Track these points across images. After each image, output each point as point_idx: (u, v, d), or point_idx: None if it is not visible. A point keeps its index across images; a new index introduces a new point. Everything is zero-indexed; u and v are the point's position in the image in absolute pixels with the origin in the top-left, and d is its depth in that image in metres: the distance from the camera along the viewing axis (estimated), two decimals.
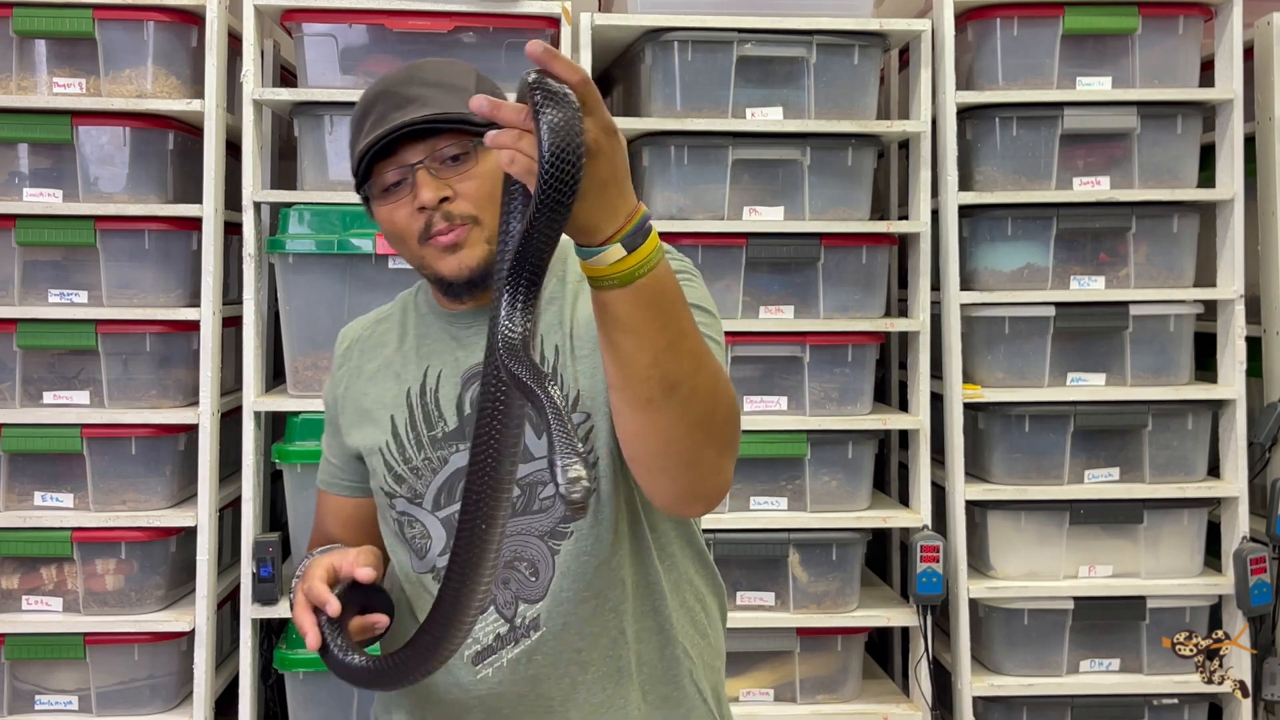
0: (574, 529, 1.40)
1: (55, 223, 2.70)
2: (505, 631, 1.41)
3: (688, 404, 1.17)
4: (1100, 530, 2.90)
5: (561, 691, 1.40)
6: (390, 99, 1.39)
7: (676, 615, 1.46)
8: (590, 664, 1.40)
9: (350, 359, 1.56)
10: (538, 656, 1.40)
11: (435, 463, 1.44)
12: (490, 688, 1.41)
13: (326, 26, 2.76)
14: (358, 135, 1.41)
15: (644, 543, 1.43)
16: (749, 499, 2.83)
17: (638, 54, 2.89)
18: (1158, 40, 2.88)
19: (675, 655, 1.45)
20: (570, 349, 1.42)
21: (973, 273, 2.91)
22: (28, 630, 2.67)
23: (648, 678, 1.44)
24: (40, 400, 2.72)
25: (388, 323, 1.57)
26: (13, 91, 2.72)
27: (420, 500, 1.45)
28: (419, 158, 1.38)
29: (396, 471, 1.46)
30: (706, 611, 1.51)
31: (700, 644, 1.49)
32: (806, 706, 2.82)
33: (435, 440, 1.44)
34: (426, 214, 1.38)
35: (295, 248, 2.66)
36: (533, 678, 1.40)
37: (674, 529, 1.48)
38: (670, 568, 1.47)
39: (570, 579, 1.39)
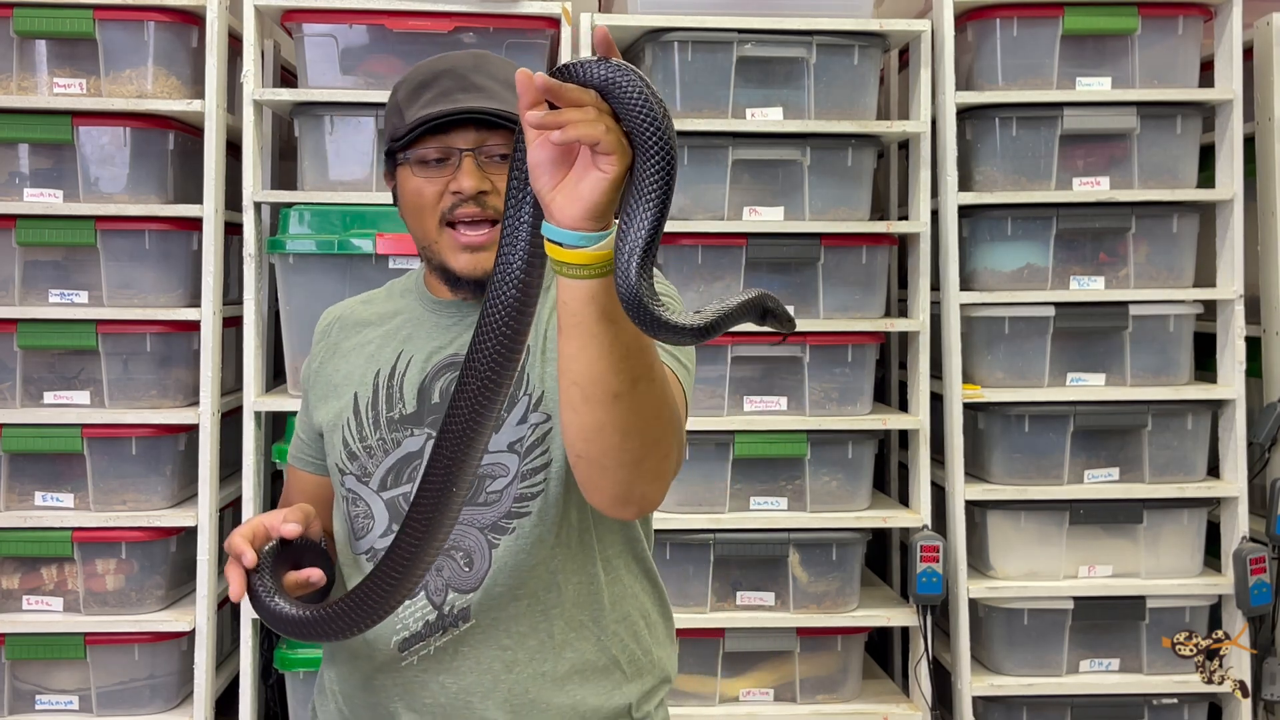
0: (516, 526, 1.39)
1: (56, 223, 2.70)
2: (434, 619, 1.40)
3: (646, 399, 1.16)
4: (1100, 530, 2.90)
5: (483, 688, 1.39)
6: (457, 79, 1.40)
7: (616, 628, 1.44)
8: (515, 664, 1.40)
9: (329, 335, 1.57)
10: (464, 649, 1.40)
11: (389, 444, 1.45)
12: (414, 675, 1.41)
13: (326, 27, 2.76)
14: (413, 101, 1.41)
15: (589, 552, 1.43)
16: (749, 499, 2.83)
17: (638, 54, 2.89)
18: (1157, 40, 2.88)
19: (607, 667, 1.44)
20: (542, 350, 1.43)
21: (972, 273, 2.91)
22: (28, 630, 2.67)
23: (578, 686, 1.42)
24: (41, 400, 2.73)
25: (372, 305, 1.58)
26: (13, 92, 2.72)
27: (368, 479, 1.45)
28: (469, 145, 1.39)
29: (351, 448, 1.46)
30: (652, 630, 1.50)
31: (642, 661, 1.47)
32: (806, 706, 2.82)
33: (391, 421, 1.45)
34: (457, 198, 1.39)
35: (295, 248, 2.66)
36: (456, 670, 1.39)
37: (622, 544, 1.47)
38: (614, 580, 1.46)
39: (505, 575, 1.39)
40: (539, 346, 1.43)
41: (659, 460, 1.21)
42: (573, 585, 1.42)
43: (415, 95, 1.42)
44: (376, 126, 2.74)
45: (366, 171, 2.75)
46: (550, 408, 1.41)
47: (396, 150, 1.44)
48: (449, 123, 1.38)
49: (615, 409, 1.15)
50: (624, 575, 1.47)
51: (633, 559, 1.49)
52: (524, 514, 1.40)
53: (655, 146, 1.02)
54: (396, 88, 1.46)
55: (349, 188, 2.75)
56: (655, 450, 1.20)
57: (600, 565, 1.44)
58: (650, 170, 1.03)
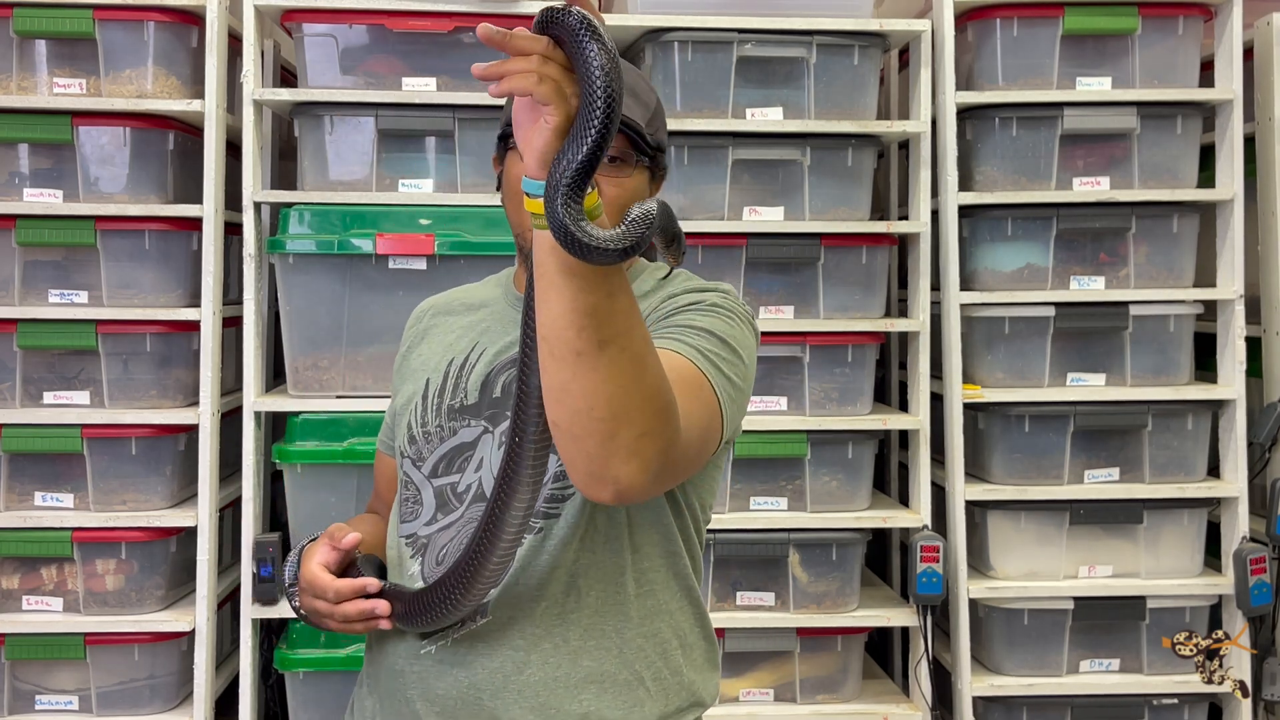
0: (544, 526, 1.39)
1: (55, 223, 2.70)
2: None
3: (615, 366, 1.13)
4: (1100, 530, 2.90)
5: (494, 685, 1.39)
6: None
7: (641, 643, 1.43)
8: (526, 665, 1.39)
9: (421, 321, 1.62)
10: (479, 644, 1.40)
11: (445, 431, 1.47)
12: (430, 665, 1.41)
13: (326, 27, 2.76)
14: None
15: (618, 561, 1.41)
16: (749, 499, 2.83)
17: (638, 54, 2.89)
18: (1157, 40, 2.88)
19: (628, 681, 1.41)
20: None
21: (973, 273, 2.91)
22: (28, 630, 2.67)
23: (594, 696, 1.40)
24: (40, 400, 2.73)
25: (464, 298, 1.61)
26: (13, 92, 2.72)
27: (421, 464, 1.48)
28: None
29: (412, 432, 1.50)
30: (686, 652, 1.48)
31: (669, 680, 1.45)
32: (806, 706, 2.82)
33: (452, 410, 1.47)
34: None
35: (295, 248, 2.66)
36: (469, 664, 1.39)
37: (662, 559, 1.45)
38: (647, 595, 1.44)
39: (526, 574, 1.39)
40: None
41: (634, 438, 1.15)
42: (595, 593, 1.40)
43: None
44: (376, 126, 2.74)
45: (366, 171, 2.75)
46: None
47: (510, 134, 1.44)
48: None
49: (579, 368, 1.12)
50: (660, 591, 1.45)
51: (672, 576, 1.46)
52: (554, 515, 1.39)
53: (592, 90, 1.03)
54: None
55: (349, 188, 2.75)
56: (628, 425, 1.14)
57: (631, 577, 1.42)
58: (586, 112, 1.04)
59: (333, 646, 2.67)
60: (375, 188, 2.75)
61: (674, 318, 1.40)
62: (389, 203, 2.71)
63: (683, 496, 1.47)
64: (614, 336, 1.13)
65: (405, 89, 2.75)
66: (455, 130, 2.76)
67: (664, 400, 1.17)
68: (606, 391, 1.13)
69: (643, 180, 1.46)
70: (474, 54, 2.77)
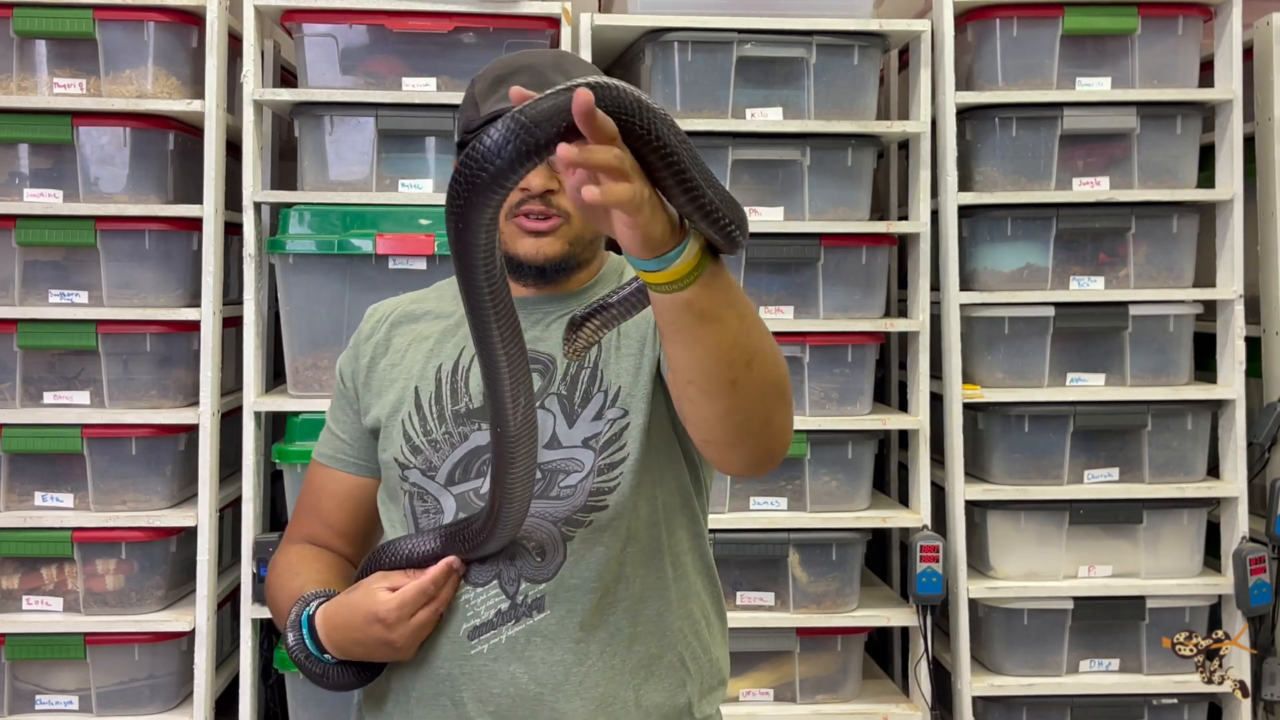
0: (593, 519, 1.41)
1: (55, 223, 2.70)
2: (506, 608, 1.41)
3: (764, 370, 1.18)
4: (1100, 530, 2.90)
5: (554, 679, 1.40)
6: (535, 76, 1.42)
7: (680, 625, 1.46)
8: (586, 657, 1.41)
9: (379, 332, 1.58)
10: (536, 639, 1.40)
11: (455, 438, 1.46)
12: (484, 664, 1.41)
13: (326, 27, 2.76)
14: (489, 95, 1.43)
15: (658, 546, 1.45)
16: (749, 499, 2.83)
17: (638, 54, 2.89)
18: (1157, 40, 2.88)
19: (672, 663, 1.46)
20: (615, 346, 1.46)
21: (972, 273, 2.91)
22: (28, 630, 2.67)
23: (643, 681, 1.43)
24: (40, 400, 2.73)
25: (426, 303, 1.59)
26: (13, 92, 2.72)
27: (434, 474, 1.46)
28: None
29: (415, 443, 1.47)
30: (710, 630, 1.52)
31: (702, 659, 1.49)
32: (806, 706, 2.82)
33: (458, 415, 1.46)
34: (524, 194, 1.42)
35: (295, 248, 2.66)
36: (528, 660, 1.40)
37: (689, 540, 1.49)
38: (680, 577, 1.48)
39: (580, 567, 1.41)
40: (613, 342, 1.46)
41: (786, 412, 1.23)
42: (640, 579, 1.44)
43: (492, 89, 1.43)
44: (376, 126, 2.73)
45: (366, 171, 2.76)
46: (628, 403, 1.43)
47: (470, 142, 1.44)
48: None
49: (735, 394, 1.17)
50: (690, 572, 1.49)
51: (697, 556, 1.51)
52: (600, 508, 1.41)
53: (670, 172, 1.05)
54: (475, 80, 1.48)
55: (349, 188, 2.75)
56: (782, 406, 1.22)
57: (669, 561, 1.46)
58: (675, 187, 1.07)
59: None
60: (375, 188, 2.75)
61: None
62: (389, 203, 2.71)
63: (705, 476, 1.52)
64: (758, 344, 1.17)
65: (405, 89, 2.75)
66: (455, 130, 2.76)
67: (782, 357, 1.23)
68: (762, 393, 1.19)
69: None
70: (474, 54, 2.77)
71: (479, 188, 1.00)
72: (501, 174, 0.99)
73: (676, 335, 1.13)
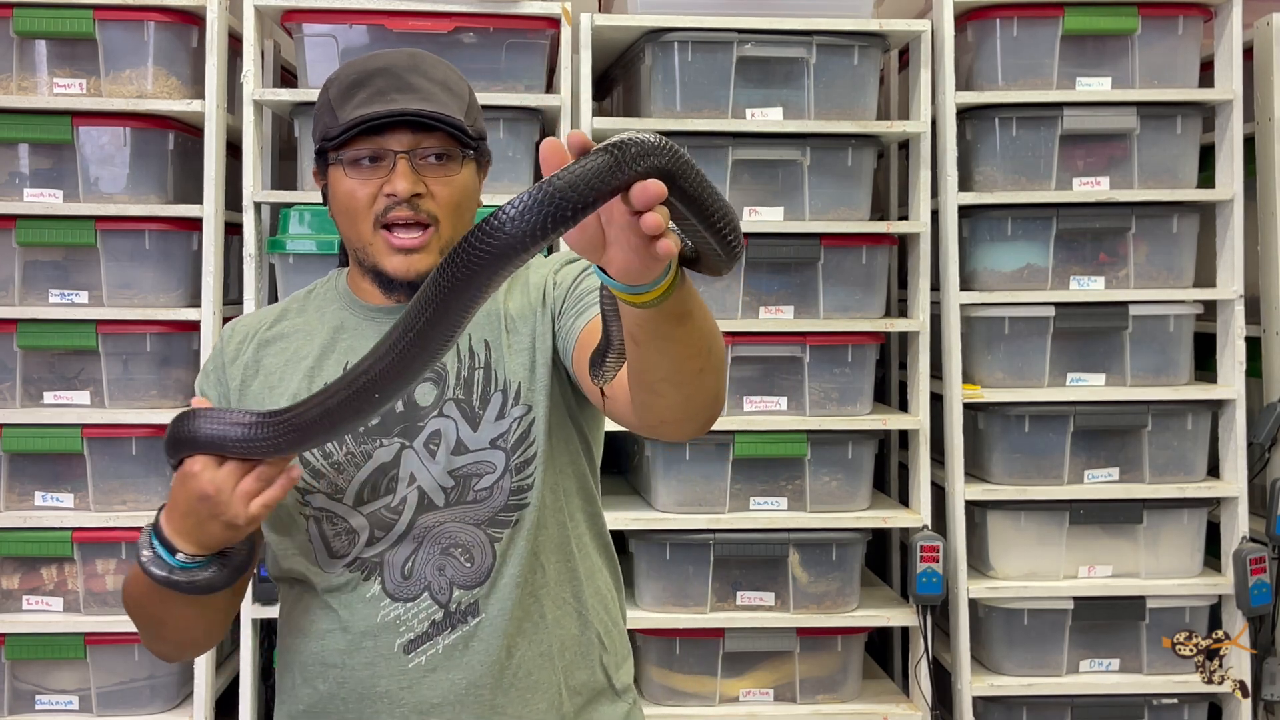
0: (517, 518, 1.41)
1: (56, 223, 2.70)
2: (440, 618, 1.40)
3: (719, 348, 1.20)
4: (1100, 530, 2.90)
5: (491, 677, 1.40)
6: (392, 79, 1.39)
7: (591, 602, 1.49)
8: (516, 649, 1.42)
9: (245, 353, 1.50)
10: (474, 643, 1.40)
11: (358, 457, 1.43)
12: (422, 675, 1.40)
13: (326, 27, 2.76)
14: (346, 100, 1.39)
15: (564, 531, 1.47)
16: (749, 499, 2.83)
17: (638, 54, 2.89)
18: (1157, 40, 2.88)
19: (590, 641, 1.48)
20: (505, 344, 1.44)
21: (972, 273, 2.91)
22: (28, 630, 2.67)
23: (568, 664, 1.46)
24: (40, 400, 2.73)
25: (287, 319, 1.53)
26: (13, 92, 2.72)
27: (340, 496, 1.43)
28: (403, 147, 1.38)
29: (314, 467, 1.43)
30: (616, 604, 1.55)
31: (614, 633, 1.53)
32: (806, 706, 2.82)
33: (358, 435, 1.43)
34: (391, 200, 1.38)
35: (295, 248, 2.66)
36: (466, 664, 1.40)
37: (586, 521, 1.51)
38: (584, 557, 1.50)
39: (508, 566, 1.41)
40: (501, 341, 1.44)
41: (723, 384, 1.24)
42: (553, 564, 1.45)
43: (348, 94, 1.40)
44: None
45: None
46: (530, 398, 1.43)
47: (328, 150, 1.41)
48: (383, 124, 1.37)
49: (701, 378, 1.18)
50: (591, 553, 1.52)
51: (595, 534, 1.53)
52: (522, 505, 1.42)
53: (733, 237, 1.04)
54: (328, 84, 1.44)
55: None
56: (721, 384, 1.23)
57: (574, 543, 1.48)
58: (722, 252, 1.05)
59: None
60: None
61: (579, 287, 1.42)
62: None
63: (596, 454, 1.54)
64: (713, 339, 1.17)
65: None
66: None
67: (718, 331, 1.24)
68: (717, 376, 1.20)
69: (471, 172, 1.45)
70: (474, 54, 2.77)
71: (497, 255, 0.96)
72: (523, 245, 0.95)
73: (652, 341, 1.12)
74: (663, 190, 0.93)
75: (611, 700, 1.51)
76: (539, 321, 1.45)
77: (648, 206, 0.94)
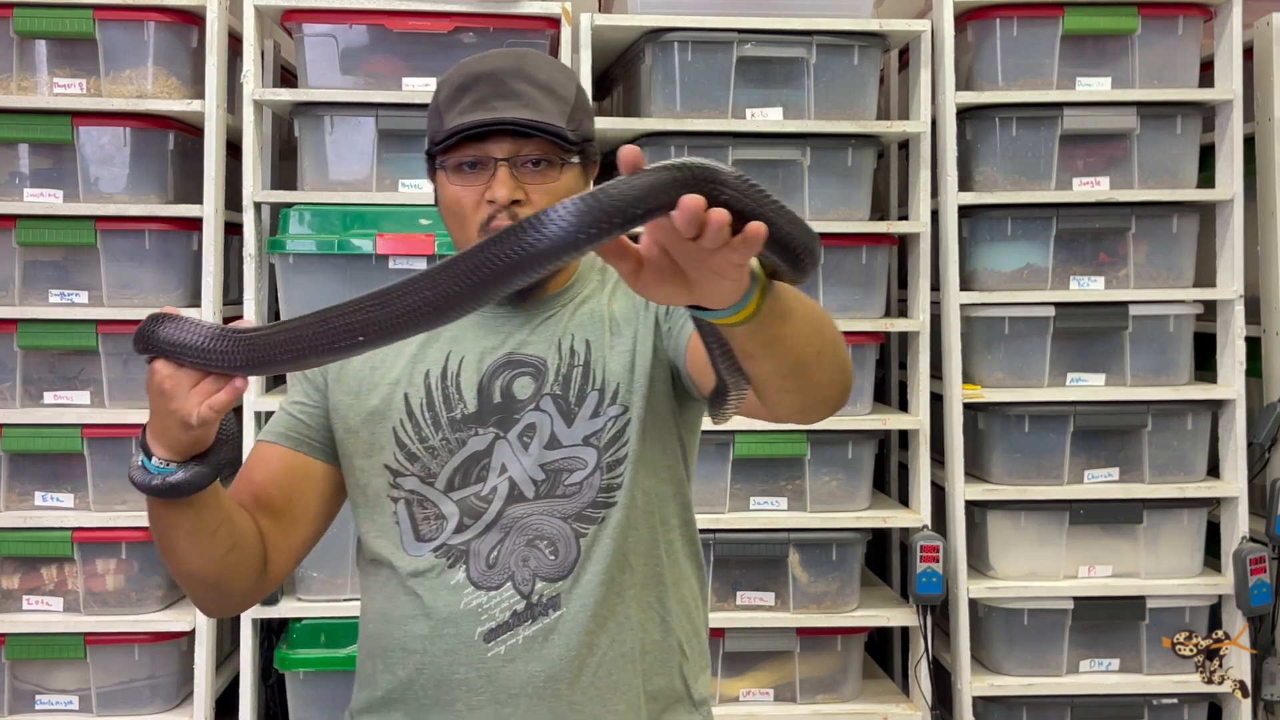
0: (604, 515, 1.43)
1: (56, 223, 2.70)
2: (522, 609, 1.42)
3: (830, 328, 1.22)
4: (1100, 530, 2.90)
5: (570, 673, 1.42)
6: (496, 85, 1.42)
7: (676, 609, 1.50)
8: (597, 647, 1.43)
9: None
10: (554, 636, 1.42)
11: (453, 444, 1.46)
12: (500, 665, 1.42)
13: (326, 27, 2.76)
14: (452, 105, 1.43)
15: (654, 535, 1.48)
16: (749, 499, 2.83)
17: (638, 54, 2.89)
18: (1157, 40, 2.88)
19: (672, 648, 1.49)
20: (607, 344, 1.47)
21: (972, 273, 2.91)
22: (28, 630, 2.67)
23: (648, 668, 1.46)
24: (40, 400, 2.73)
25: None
26: (13, 92, 2.72)
27: (432, 480, 1.46)
28: (504, 154, 1.41)
29: (410, 450, 1.47)
30: (700, 613, 1.55)
31: (695, 643, 1.53)
32: (806, 706, 2.82)
33: (454, 422, 1.46)
34: (493, 207, 1.41)
35: (295, 248, 2.66)
36: (545, 657, 1.41)
37: (680, 527, 1.53)
38: (674, 563, 1.51)
39: (592, 562, 1.43)
40: (603, 341, 1.47)
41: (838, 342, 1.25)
42: (641, 566, 1.46)
43: (454, 99, 1.43)
44: (377, 126, 2.73)
45: (367, 171, 2.76)
46: (627, 399, 1.45)
47: (435, 154, 1.46)
48: (485, 131, 1.40)
49: (821, 361, 1.20)
50: (681, 558, 1.52)
51: (687, 541, 1.54)
52: (610, 504, 1.44)
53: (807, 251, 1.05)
54: (439, 87, 1.47)
55: (349, 188, 2.75)
56: (839, 340, 1.24)
57: (663, 548, 1.49)
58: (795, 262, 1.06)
59: (333, 646, 2.67)
60: (375, 188, 2.75)
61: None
62: (389, 203, 2.71)
63: (692, 463, 1.57)
64: (820, 319, 1.20)
65: (405, 89, 2.75)
66: None
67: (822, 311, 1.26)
68: (835, 350, 1.22)
69: (575, 175, 1.46)
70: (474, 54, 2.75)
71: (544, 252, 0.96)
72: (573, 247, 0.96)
73: (767, 348, 1.13)
74: (701, 203, 0.93)
75: (688, 711, 1.52)
76: (641, 324, 1.48)
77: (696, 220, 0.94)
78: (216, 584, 1.45)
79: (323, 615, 2.68)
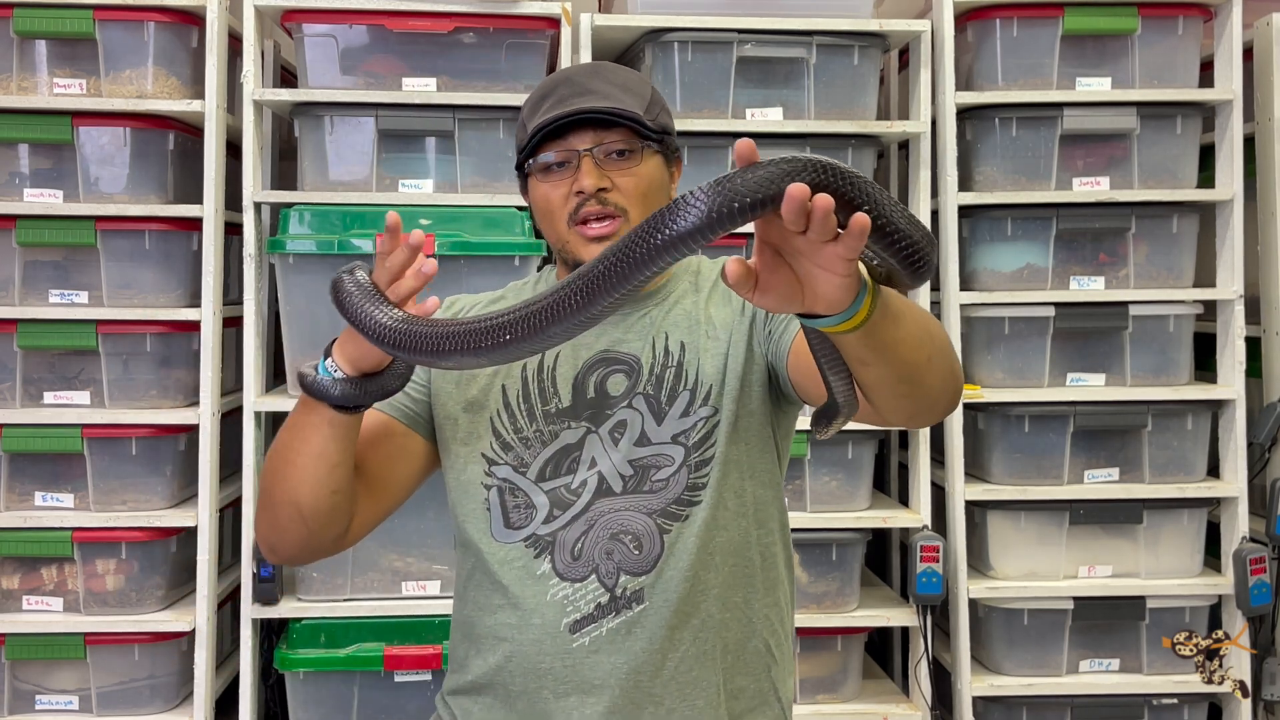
0: (689, 513, 1.46)
1: (56, 223, 2.70)
2: (606, 601, 1.45)
3: (940, 333, 1.23)
4: (1100, 530, 2.90)
5: (652, 667, 1.44)
6: (572, 87, 1.48)
7: (766, 612, 1.52)
8: (680, 643, 1.45)
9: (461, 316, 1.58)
10: (637, 629, 1.45)
11: (546, 436, 1.50)
12: (585, 656, 1.45)
13: (326, 27, 2.76)
14: (533, 113, 1.49)
15: (745, 536, 1.50)
16: None
17: (638, 54, 2.89)
18: (1157, 40, 2.88)
19: (757, 649, 1.52)
20: (703, 346, 1.50)
21: (972, 273, 2.91)
22: (28, 630, 2.67)
23: (730, 665, 1.49)
24: (40, 400, 2.73)
25: (507, 301, 1.61)
26: (13, 92, 2.72)
27: (525, 470, 1.50)
28: (586, 145, 1.46)
29: (505, 439, 1.51)
30: (790, 617, 1.59)
31: (784, 646, 1.56)
32: (806, 706, 2.82)
33: (548, 415, 1.51)
34: (581, 198, 1.46)
35: (295, 248, 2.66)
36: (628, 650, 1.44)
37: (778, 532, 1.55)
38: (769, 566, 1.53)
39: (676, 558, 1.45)
40: (698, 344, 1.50)
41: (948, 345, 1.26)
42: (728, 567, 1.48)
43: (536, 107, 1.49)
44: (377, 126, 2.74)
45: (367, 171, 2.76)
46: (718, 401, 1.48)
47: (523, 160, 1.50)
48: (566, 126, 1.45)
49: (932, 365, 1.20)
50: (779, 563, 1.55)
51: (783, 547, 1.56)
52: (696, 502, 1.46)
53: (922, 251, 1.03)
54: (524, 105, 1.54)
55: (349, 188, 2.75)
56: (948, 344, 1.25)
57: (757, 550, 1.51)
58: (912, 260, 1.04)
59: (333, 647, 2.67)
60: (375, 188, 2.75)
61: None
62: (389, 203, 2.71)
63: (784, 463, 1.59)
64: (929, 323, 1.21)
65: (405, 89, 2.75)
66: (455, 130, 2.76)
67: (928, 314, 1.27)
68: (945, 355, 1.23)
69: (657, 163, 1.51)
70: (474, 54, 2.77)
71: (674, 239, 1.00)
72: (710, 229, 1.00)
73: (879, 354, 1.13)
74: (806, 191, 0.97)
75: (776, 714, 1.55)
76: (736, 328, 1.50)
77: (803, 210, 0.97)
78: (309, 519, 1.45)
79: (323, 615, 2.68)
